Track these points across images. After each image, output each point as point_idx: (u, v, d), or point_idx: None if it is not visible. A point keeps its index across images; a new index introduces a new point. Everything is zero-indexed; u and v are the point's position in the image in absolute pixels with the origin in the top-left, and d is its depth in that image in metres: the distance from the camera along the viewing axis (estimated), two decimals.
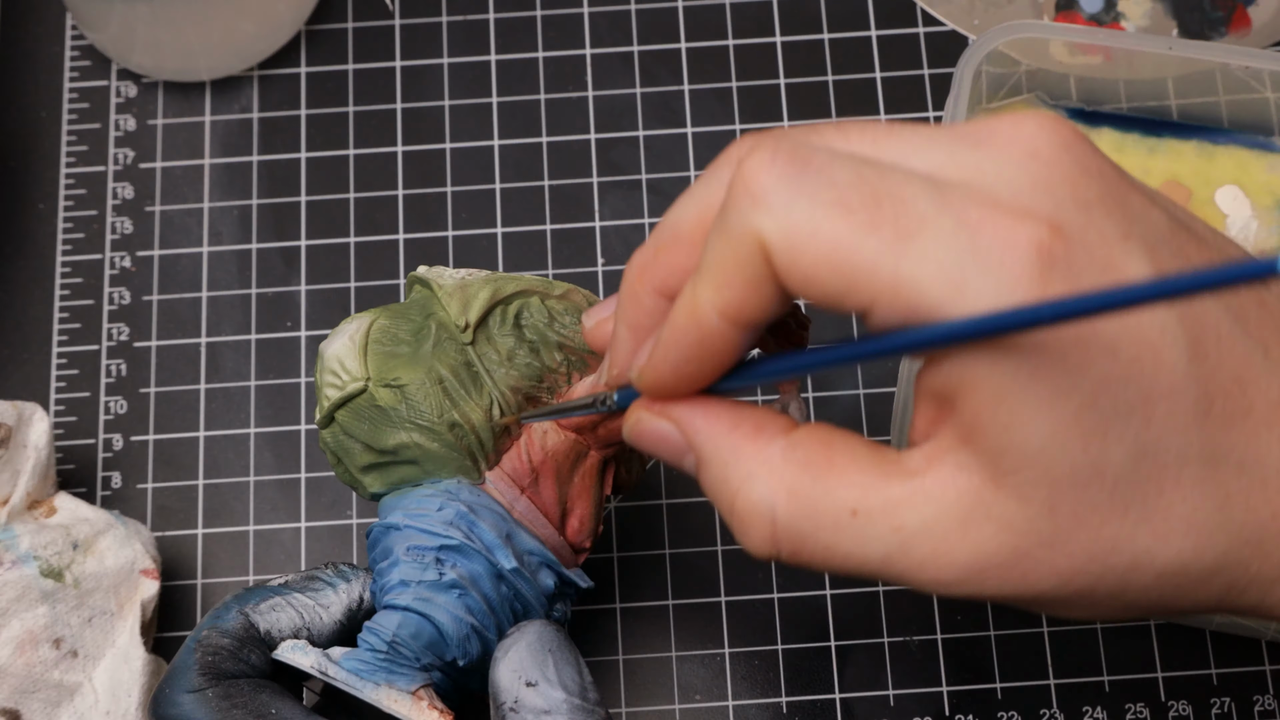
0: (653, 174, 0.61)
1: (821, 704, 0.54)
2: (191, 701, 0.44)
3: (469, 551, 0.45)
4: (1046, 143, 0.35)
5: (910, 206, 0.34)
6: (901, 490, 0.35)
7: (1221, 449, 0.35)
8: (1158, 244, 0.35)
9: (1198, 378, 0.34)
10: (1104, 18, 0.61)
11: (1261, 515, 0.35)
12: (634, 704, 0.54)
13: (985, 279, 0.33)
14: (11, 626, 0.49)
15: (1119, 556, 0.35)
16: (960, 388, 0.34)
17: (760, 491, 0.37)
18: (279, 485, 0.57)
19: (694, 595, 0.55)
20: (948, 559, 0.35)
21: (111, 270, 0.60)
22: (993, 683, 0.54)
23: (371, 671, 0.44)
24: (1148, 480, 0.34)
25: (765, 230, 0.34)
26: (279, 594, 0.46)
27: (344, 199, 0.61)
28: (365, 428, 0.46)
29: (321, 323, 0.59)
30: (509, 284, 0.47)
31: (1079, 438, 0.34)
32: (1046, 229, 0.33)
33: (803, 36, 0.63)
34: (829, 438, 0.37)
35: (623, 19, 0.63)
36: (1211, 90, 0.57)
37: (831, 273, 0.34)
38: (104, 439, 0.58)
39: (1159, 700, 0.54)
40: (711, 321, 0.36)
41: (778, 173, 0.34)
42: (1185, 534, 0.35)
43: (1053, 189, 0.34)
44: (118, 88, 0.63)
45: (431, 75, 0.62)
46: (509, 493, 0.46)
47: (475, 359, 0.46)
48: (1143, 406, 0.34)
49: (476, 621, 0.45)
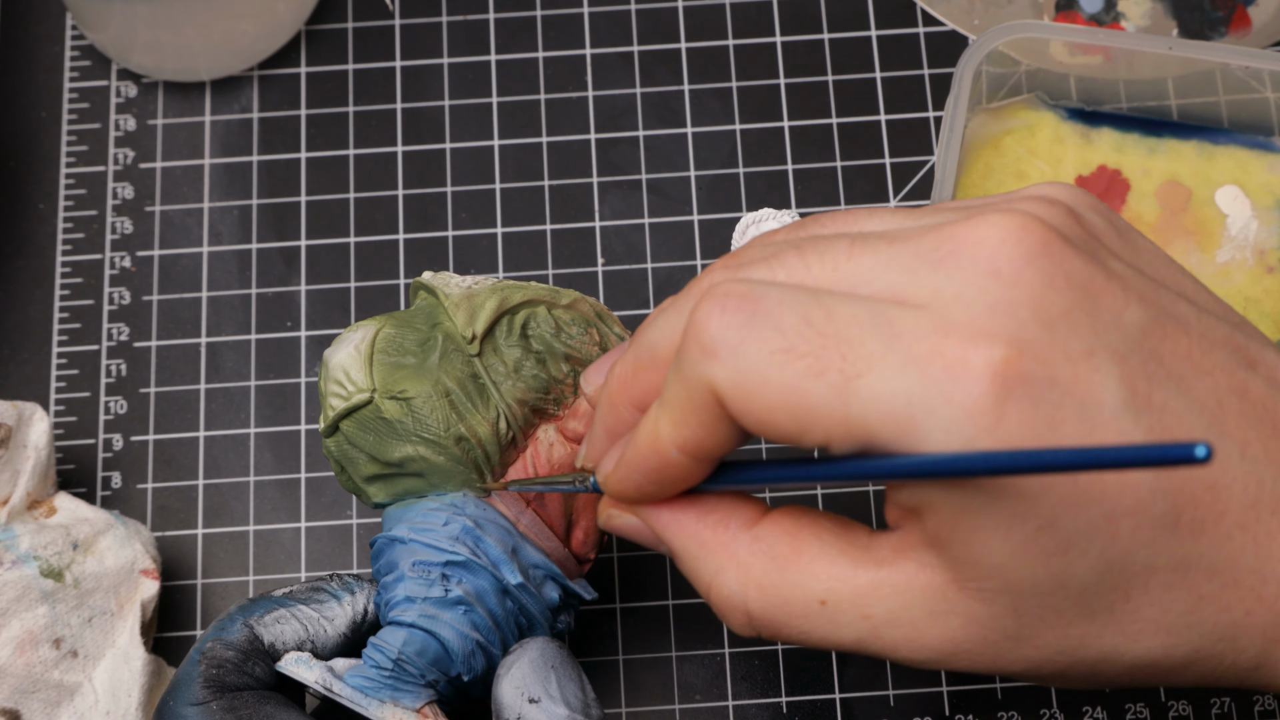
0: (653, 174, 0.61)
1: (821, 704, 0.54)
2: (196, 715, 0.44)
3: (475, 567, 0.45)
4: (1008, 258, 0.34)
5: (857, 347, 0.34)
6: (868, 580, 0.36)
7: (1191, 556, 0.35)
8: (1129, 353, 0.34)
9: (1166, 491, 0.34)
10: (1104, 18, 0.61)
11: (1235, 614, 0.35)
12: (634, 704, 0.54)
13: (934, 416, 0.33)
14: (11, 626, 0.49)
15: (1086, 652, 0.35)
16: (920, 506, 0.35)
17: (731, 586, 0.38)
18: (279, 485, 0.57)
19: (694, 595, 0.55)
20: (919, 644, 0.36)
21: (111, 270, 0.60)
22: (993, 683, 0.54)
23: (376, 689, 0.44)
24: (1114, 589, 0.35)
25: (717, 379, 0.35)
26: (284, 605, 0.46)
27: (344, 199, 0.61)
28: (370, 439, 0.46)
29: (321, 323, 0.59)
30: (515, 293, 0.47)
31: (1040, 556, 0.34)
32: (1002, 353, 0.33)
33: (803, 36, 0.63)
34: (795, 526, 0.38)
35: (623, 19, 0.63)
36: (1211, 90, 0.57)
37: (786, 416, 0.34)
38: (104, 439, 0.58)
39: (1159, 700, 0.54)
40: (670, 454, 0.37)
41: (726, 321, 0.35)
42: (1154, 635, 0.35)
43: (1013, 309, 0.34)
44: (118, 88, 0.63)
45: (431, 75, 0.62)
46: (515, 505, 0.46)
47: (482, 371, 0.46)
48: (1106, 525, 0.34)
49: (481, 637, 0.45)
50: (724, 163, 0.61)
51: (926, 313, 0.34)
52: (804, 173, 0.61)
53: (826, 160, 0.61)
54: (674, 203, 0.60)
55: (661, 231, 0.60)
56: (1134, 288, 0.36)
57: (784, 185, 0.60)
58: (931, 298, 0.34)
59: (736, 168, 0.61)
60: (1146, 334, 0.35)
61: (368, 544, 0.56)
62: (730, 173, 0.61)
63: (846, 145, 0.61)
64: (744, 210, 0.60)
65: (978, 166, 0.58)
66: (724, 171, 0.61)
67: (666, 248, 0.60)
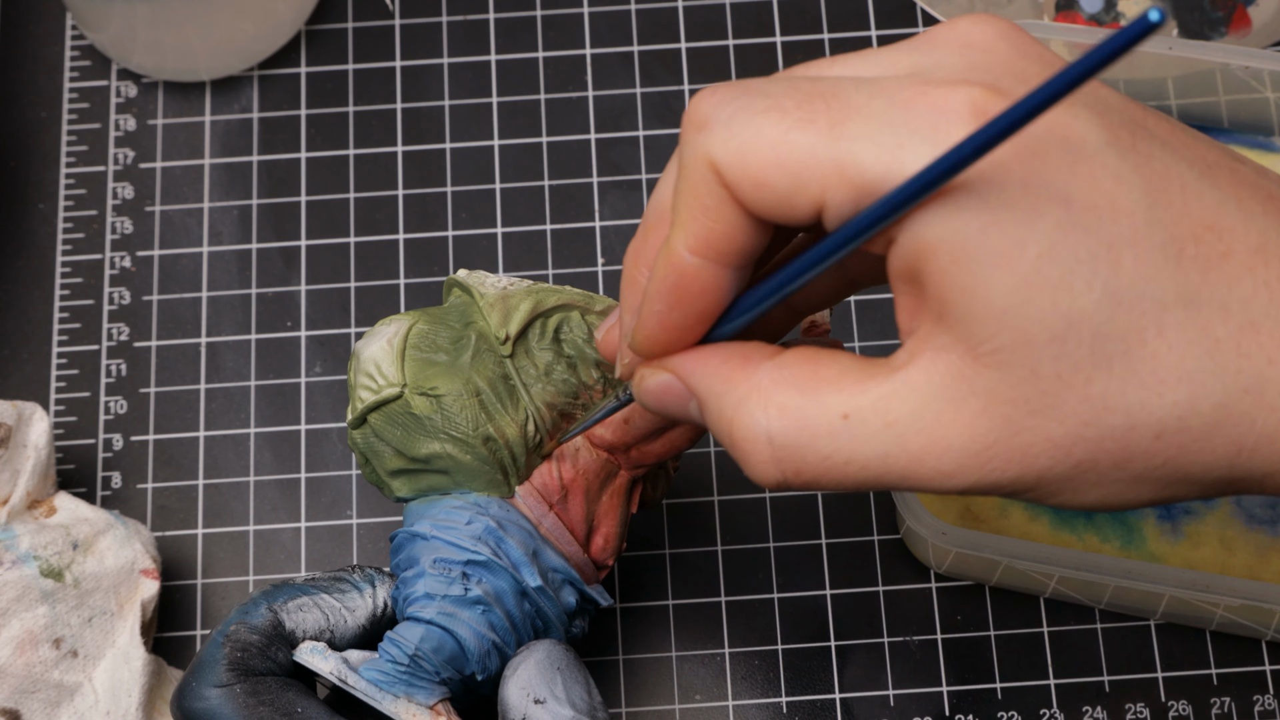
0: (653, 174, 0.61)
1: (821, 704, 0.54)
2: (219, 696, 0.44)
3: (495, 568, 0.45)
4: (982, 34, 0.36)
5: (843, 99, 0.34)
6: (888, 386, 0.35)
7: (1201, 292, 0.34)
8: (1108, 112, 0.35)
9: (1163, 222, 0.34)
10: (1104, 18, 0.61)
11: (1256, 361, 0.34)
12: (634, 704, 0.54)
13: (921, 142, 0.33)
14: (11, 626, 0.49)
15: (1112, 415, 0.34)
16: (920, 259, 0.34)
17: (754, 414, 0.37)
18: (279, 485, 0.57)
19: (694, 595, 0.55)
20: (944, 444, 0.35)
21: (111, 270, 0.60)
22: (993, 683, 0.54)
23: (391, 683, 0.44)
24: (1127, 330, 0.34)
25: (712, 149, 0.35)
26: (307, 594, 0.46)
27: (344, 199, 0.61)
28: (398, 433, 0.46)
29: (321, 323, 0.59)
30: (550, 296, 0.47)
31: (1044, 290, 0.33)
32: (981, 90, 0.34)
33: (803, 36, 0.63)
34: (815, 354, 0.37)
35: (623, 19, 0.63)
36: (1211, 90, 0.57)
37: (778, 172, 0.34)
38: (104, 439, 0.58)
39: (1159, 700, 0.54)
40: (685, 260, 0.36)
41: (718, 99, 0.36)
42: (1176, 384, 0.34)
43: (990, 68, 0.35)
44: (118, 88, 0.63)
45: (431, 75, 0.62)
46: (537, 508, 0.46)
47: (513, 372, 0.46)
48: (1107, 253, 0.33)
49: (498, 638, 0.45)
50: None
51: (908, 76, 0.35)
52: None
53: None
54: None
55: None
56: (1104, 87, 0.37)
57: None
58: (912, 69, 0.36)
59: None
60: (1126, 106, 0.36)
61: (371, 543, 0.56)
62: None
63: None
64: None
65: None
66: None
67: None
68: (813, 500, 0.56)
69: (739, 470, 0.57)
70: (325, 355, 0.59)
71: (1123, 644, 0.55)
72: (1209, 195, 0.35)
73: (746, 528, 0.56)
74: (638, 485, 0.48)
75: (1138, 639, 0.55)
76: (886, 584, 0.55)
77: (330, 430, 0.58)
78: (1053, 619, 0.55)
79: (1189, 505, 0.54)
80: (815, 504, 0.56)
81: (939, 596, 0.55)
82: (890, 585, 0.55)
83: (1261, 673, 0.54)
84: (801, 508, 0.56)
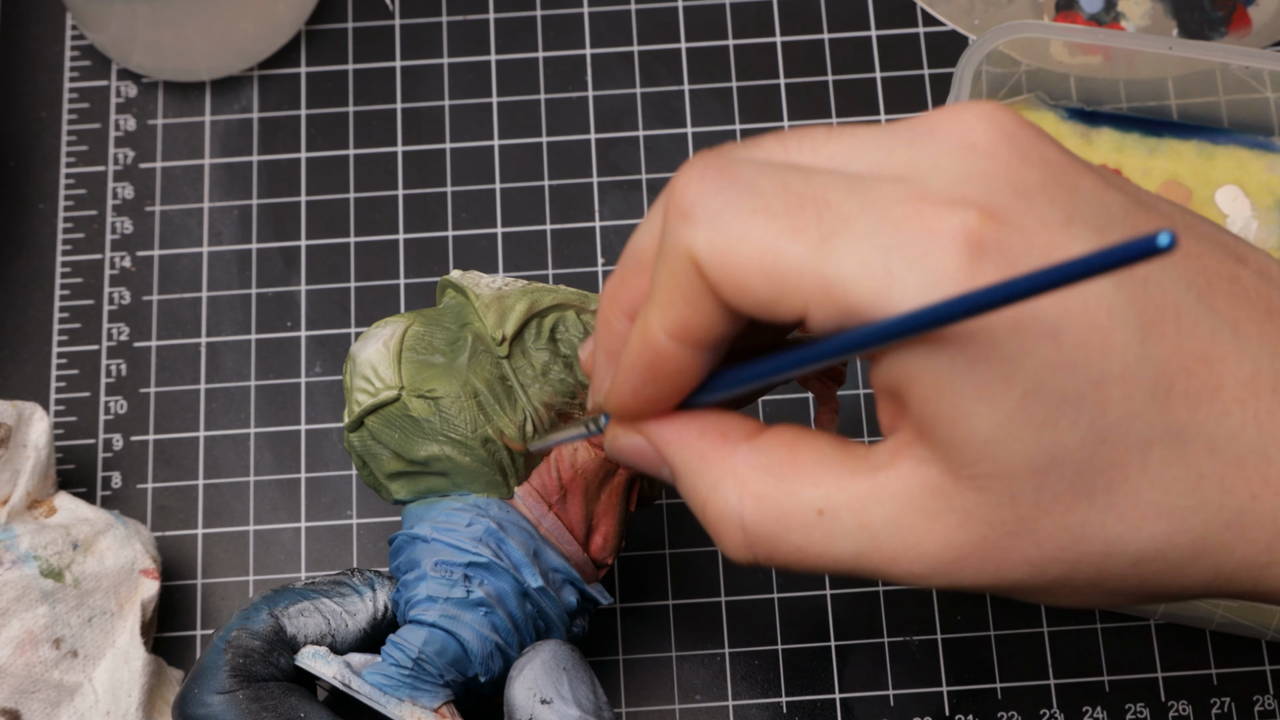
0: (653, 174, 0.61)
1: (821, 704, 0.54)
2: (221, 703, 0.44)
3: (497, 569, 0.45)
4: (985, 134, 0.35)
5: (834, 208, 0.34)
6: (865, 486, 0.35)
7: (1188, 430, 0.34)
8: (1109, 226, 0.34)
9: (1154, 359, 0.33)
10: (1104, 18, 0.61)
11: (1240, 497, 0.34)
12: (634, 704, 0.54)
13: (910, 273, 0.32)
14: (11, 626, 0.49)
15: (1089, 544, 0.34)
16: (903, 383, 0.34)
17: (728, 499, 0.37)
18: (279, 485, 0.57)
19: (694, 595, 0.55)
20: (918, 552, 0.35)
21: (111, 270, 0.60)
22: (993, 683, 0.54)
23: (395, 687, 0.44)
24: (1110, 466, 0.33)
25: (695, 245, 0.34)
26: (308, 598, 0.46)
27: (344, 199, 0.61)
28: (396, 436, 0.46)
29: (321, 323, 0.59)
30: (546, 296, 0.47)
31: (1028, 427, 0.33)
32: (976, 215, 0.33)
33: (803, 36, 0.63)
34: (794, 439, 0.37)
35: (623, 19, 0.63)
36: (1211, 90, 0.57)
37: (762, 279, 0.34)
38: (104, 439, 0.58)
39: (1159, 700, 0.54)
40: (661, 342, 0.36)
41: (705, 188, 0.35)
42: (1157, 519, 0.34)
43: (988, 178, 0.34)
44: (118, 88, 0.63)
45: (431, 75, 0.62)
46: (537, 509, 0.46)
47: (510, 373, 0.46)
48: (1094, 391, 0.33)
49: (501, 639, 0.45)
50: None
51: (903, 182, 0.34)
52: None
53: None
54: None
55: None
56: (1111, 181, 0.36)
57: None
58: (907, 170, 0.34)
59: None
60: (1128, 213, 0.35)
61: (371, 543, 0.56)
62: None
63: None
64: None
65: None
66: None
67: None
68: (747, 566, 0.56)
69: None
70: (325, 355, 0.59)
71: (1123, 644, 0.55)
72: (1204, 322, 0.34)
73: None
74: (636, 483, 0.48)
75: (1138, 639, 0.55)
76: (886, 584, 0.55)
77: (330, 430, 0.58)
78: (1053, 619, 0.55)
79: None
80: None
81: (939, 596, 0.55)
82: (890, 585, 0.55)
83: (1261, 673, 0.54)
84: None
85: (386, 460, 0.46)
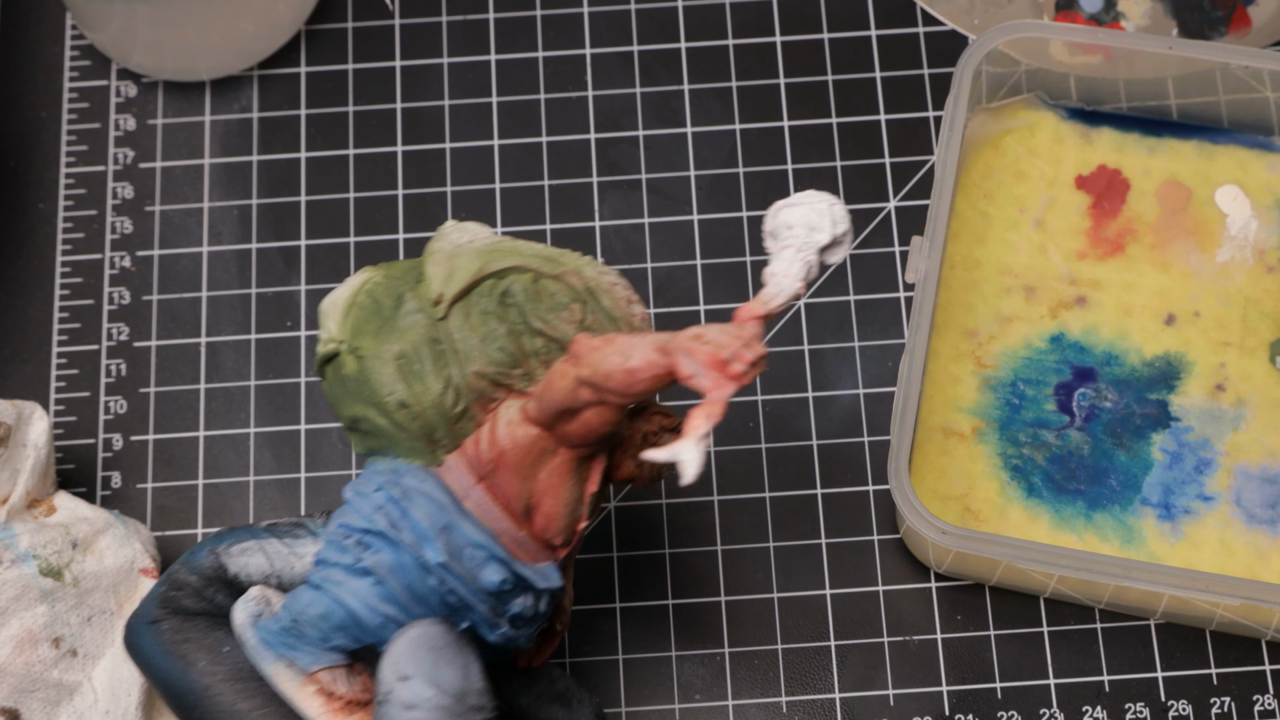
0: (653, 174, 0.61)
1: (821, 704, 0.54)
2: (148, 632, 0.45)
3: (394, 541, 0.44)
4: None
5: None
6: None
7: None
8: None
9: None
10: (1104, 18, 0.61)
11: None
12: (634, 704, 0.54)
13: None
14: (11, 626, 0.49)
15: None
16: None
17: None
18: (279, 485, 0.57)
19: (694, 595, 0.55)
20: None
21: (111, 270, 0.60)
22: (993, 683, 0.54)
23: (275, 644, 0.44)
24: None
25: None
26: (255, 537, 0.47)
27: (344, 199, 0.61)
28: (339, 390, 0.45)
29: None
30: (504, 258, 0.45)
31: None
32: None
33: (803, 36, 0.63)
34: None
35: (623, 19, 0.63)
36: (1211, 90, 0.57)
37: None
38: (104, 439, 0.58)
39: (1159, 700, 0.54)
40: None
41: None
42: None
43: None
44: (118, 88, 0.63)
45: (431, 75, 0.62)
46: (464, 480, 0.44)
47: (443, 336, 0.44)
48: None
49: (394, 611, 0.44)
50: (724, 162, 0.61)
51: None
52: (804, 172, 0.61)
53: (826, 160, 0.61)
54: (674, 202, 0.60)
55: (661, 231, 0.60)
56: None
57: (784, 185, 0.60)
58: None
59: (736, 167, 0.61)
60: None
61: None
62: (730, 172, 0.61)
63: (846, 145, 0.61)
64: (744, 210, 0.60)
65: (978, 166, 0.58)
66: (724, 171, 0.61)
67: (666, 247, 0.60)
68: (813, 500, 0.56)
69: (739, 470, 0.57)
70: None
71: (1123, 644, 0.55)
72: None
73: (746, 528, 0.56)
74: (595, 461, 0.45)
75: (1138, 639, 0.55)
76: (886, 584, 0.55)
77: (330, 430, 0.58)
78: (1053, 619, 0.55)
79: (1189, 505, 0.54)
80: (815, 504, 0.56)
81: (939, 596, 0.55)
82: (890, 585, 0.55)
83: (1261, 673, 0.54)
84: (802, 508, 0.56)
85: (339, 413, 0.46)
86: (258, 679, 0.44)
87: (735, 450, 0.57)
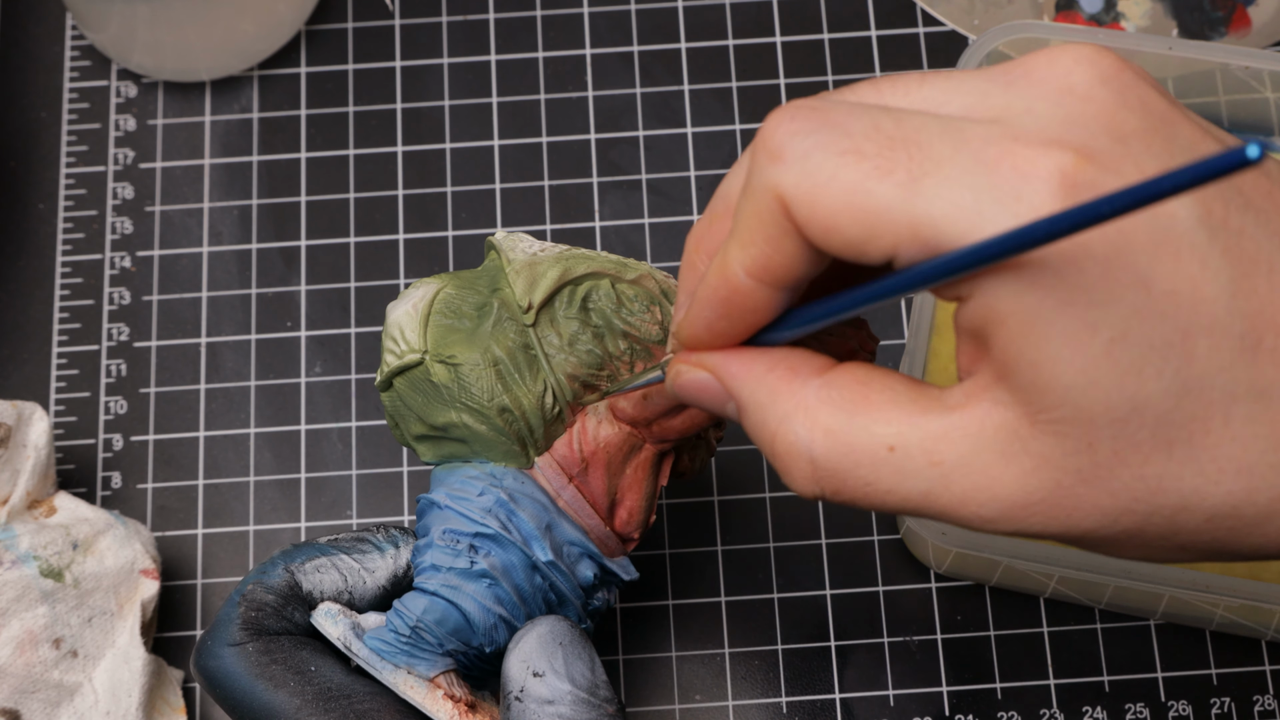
0: (653, 174, 0.61)
1: (821, 704, 0.54)
2: (232, 655, 0.44)
3: (504, 541, 0.45)
4: (1083, 77, 0.34)
5: (926, 149, 0.33)
6: (939, 425, 0.35)
7: (1274, 386, 0.33)
8: None
9: (1244, 312, 0.33)
10: (1104, 18, 0.61)
11: None
12: (634, 704, 0.54)
13: (1001, 213, 0.32)
14: (11, 626, 0.49)
15: (1165, 496, 0.34)
16: (989, 324, 0.34)
17: (797, 432, 0.36)
18: (279, 485, 0.57)
19: (694, 595, 0.55)
20: (989, 494, 0.35)
21: (111, 270, 0.60)
22: (993, 683, 0.54)
23: (393, 654, 0.44)
24: (1192, 419, 0.33)
25: (783, 184, 0.34)
26: (326, 554, 0.46)
27: (344, 199, 0.61)
28: (419, 400, 0.46)
29: (321, 323, 0.59)
30: (580, 264, 0.47)
31: (1112, 374, 0.33)
32: (1072, 157, 0.32)
33: (803, 36, 0.63)
34: (866, 376, 0.36)
35: (623, 19, 0.63)
36: (1211, 90, 0.57)
37: (850, 220, 0.33)
38: (104, 439, 0.58)
39: (1159, 700, 0.54)
40: (739, 279, 0.36)
41: (794, 128, 0.34)
42: (1236, 475, 0.33)
43: (1085, 123, 0.33)
44: (118, 88, 0.63)
45: (431, 75, 0.62)
46: (556, 480, 0.46)
47: (535, 342, 0.46)
48: (1181, 341, 0.33)
49: (505, 611, 0.45)
50: (724, 162, 0.61)
51: (997, 125, 0.34)
52: None
53: None
54: (674, 203, 0.60)
55: (661, 231, 0.60)
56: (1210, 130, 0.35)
57: None
58: (1002, 113, 0.34)
59: None
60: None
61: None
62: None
63: None
64: None
65: None
66: (724, 171, 0.61)
67: (666, 247, 0.60)
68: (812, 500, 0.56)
69: (739, 470, 0.57)
70: (325, 355, 0.59)
71: (1123, 644, 0.55)
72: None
73: (746, 528, 0.56)
74: (667, 458, 0.47)
75: (1138, 639, 0.55)
76: (886, 584, 0.55)
77: (330, 430, 0.58)
78: (1053, 619, 0.55)
79: None
80: (815, 504, 0.56)
81: (939, 596, 0.55)
82: (890, 585, 0.55)
83: (1261, 673, 0.54)
84: (801, 508, 0.56)
85: (413, 423, 0.46)
86: (345, 696, 0.44)
87: (736, 450, 0.57)
